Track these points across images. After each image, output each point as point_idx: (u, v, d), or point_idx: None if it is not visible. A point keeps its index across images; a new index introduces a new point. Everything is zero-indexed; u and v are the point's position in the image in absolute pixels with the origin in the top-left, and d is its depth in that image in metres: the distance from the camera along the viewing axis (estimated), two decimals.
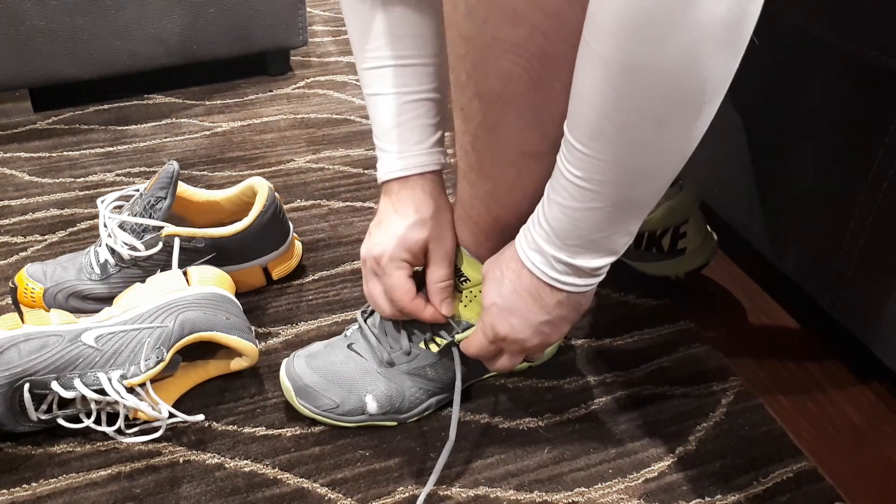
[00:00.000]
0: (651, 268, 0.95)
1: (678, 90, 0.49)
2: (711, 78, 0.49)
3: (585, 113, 0.52)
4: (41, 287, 0.83)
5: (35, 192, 1.11)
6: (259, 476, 0.72)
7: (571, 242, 0.59)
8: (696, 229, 0.91)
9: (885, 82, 0.70)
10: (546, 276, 0.61)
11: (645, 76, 0.48)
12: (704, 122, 0.52)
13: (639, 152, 0.53)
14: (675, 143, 0.53)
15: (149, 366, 0.72)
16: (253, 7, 1.33)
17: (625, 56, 0.47)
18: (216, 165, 1.18)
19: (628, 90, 0.49)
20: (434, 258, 0.71)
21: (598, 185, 0.54)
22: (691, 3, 0.44)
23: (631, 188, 0.55)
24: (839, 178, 0.77)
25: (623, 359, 0.85)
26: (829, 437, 0.78)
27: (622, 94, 0.49)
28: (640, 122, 0.50)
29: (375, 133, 0.73)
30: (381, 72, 0.71)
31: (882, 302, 0.75)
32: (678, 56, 0.46)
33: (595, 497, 0.71)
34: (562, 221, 0.58)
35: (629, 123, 0.50)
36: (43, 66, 1.24)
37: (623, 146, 0.52)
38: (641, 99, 0.49)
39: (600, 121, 0.51)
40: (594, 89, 0.50)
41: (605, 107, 0.50)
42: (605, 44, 0.47)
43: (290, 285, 0.95)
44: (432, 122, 0.72)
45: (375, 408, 0.75)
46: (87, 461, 0.73)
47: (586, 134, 0.52)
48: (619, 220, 0.57)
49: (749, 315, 0.93)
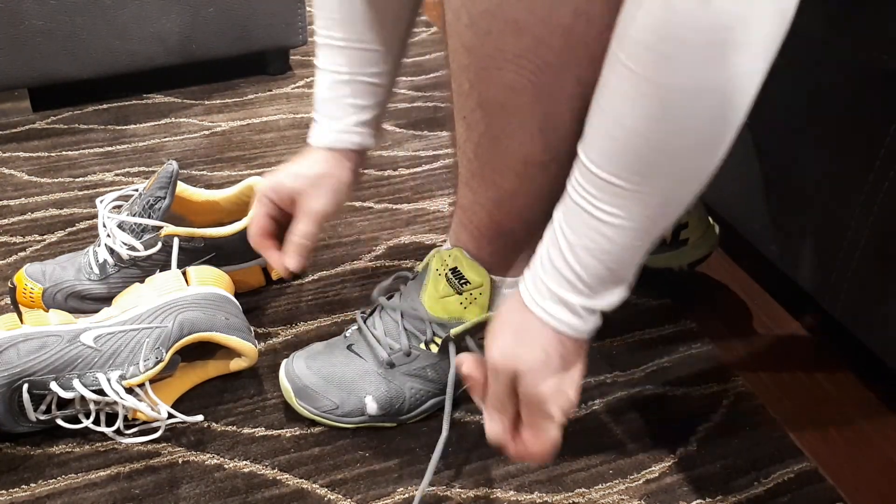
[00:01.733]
0: (653, 260, 0.94)
1: (732, 110, 0.46)
2: (754, 91, 0.46)
3: (626, 142, 0.47)
4: (40, 287, 0.83)
5: (34, 192, 1.11)
6: (258, 477, 0.72)
7: (599, 284, 0.53)
8: (698, 219, 0.91)
9: (885, 82, 0.70)
10: (539, 309, 0.55)
11: (701, 97, 0.44)
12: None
13: (687, 182, 0.49)
14: (716, 163, 0.49)
15: (148, 366, 0.72)
16: (252, 6, 1.33)
17: (674, 77, 0.44)
18: (215, 165, 1.18)
19: (681, 113, 0.45)
20: (299, 212, 0.76)
21: (638, 221, 0.50)
22: (743, 21, 0.42)
23: (668, 218, 0.51)
24: (839, 178, 0.77)
25: (623, 359, 0.85)
26: (829, 438, 0.78)
27: (674, 118, 0.45)
28: (692, 148, 0.47)
29: (314, 101, 0.78)
30: (326, 49, 0.74)
31: (882, 302, 0.75)
32: (733, 75, 0.44)
33: (595, 498, 0.71)
34: (592, 266, 0.52)
35: (680, 150, 0.47)
36: (42, 66, 1.23)
37: (672, 177, 0.48)
38: (695, 121, 0.45)
39: (648, 150, 0.47)
40: (638, 115, 0.46)
41: (653, 134, 0.46)
42: (646, 64, 0.44)
43: (289, 285, 0.95)
44: (361, 103, 0.75)
45: (375, 409, 0.75)
46: (87, 462, 0.73)
47: (627, 165, 0.48)
48: (646, 248, 0.53)
49: (749, 315, 0.93)
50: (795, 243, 0.86)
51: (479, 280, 0.73)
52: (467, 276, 0.73)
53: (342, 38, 0.73)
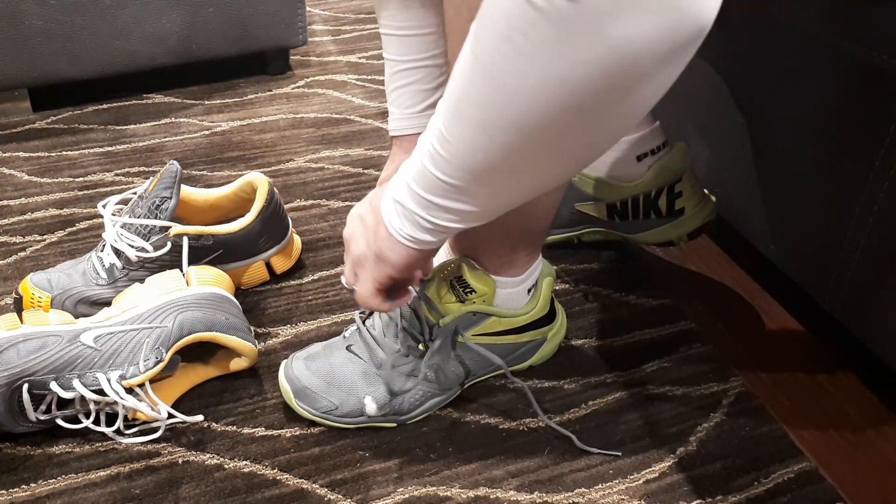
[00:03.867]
0: (652, 235, 0.94)
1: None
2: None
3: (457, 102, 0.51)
4: (48, 295, 0.83)
5: (34, 192, 1.11)
6: (258, 477, 0.72)
7: (419, 193, 0.58)
8: (691, 187, 0.90)
9: (885, 82, 0.70)
10: (392, 184, 0.60)
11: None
12: None
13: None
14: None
15: (148, 366, 0.72)
16: (252, 6, 1.33)
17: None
18: (215, 165, 1.18)
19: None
20: None
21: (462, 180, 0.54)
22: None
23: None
24: (839, 178, 0.77)
25: (623, 359, 0.85)
26: (829, 438, 0.78)
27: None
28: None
29: (386, 92, 0.81)
30: (386, 39, 0.77)
31: (882, 302, 0.75)
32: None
33: (595, 498, 0.71)
34: (422, 180, 0.57)
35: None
36: (42, 66, 1.23)
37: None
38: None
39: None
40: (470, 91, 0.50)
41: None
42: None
43: (289, 285, 0.95)
44: (427, 87, 0.77)
45: (374, 409, 0.75)
46: (87, 462, 0.73)
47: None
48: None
49: (749, 315, 0.93)
50: (795, 243, 0.86)
51: (484, 289, 0.74)
52: (473, 285, 0.73)
53: (400, 28, 0.75)
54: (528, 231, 0.72)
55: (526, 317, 0.78)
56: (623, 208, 0.93)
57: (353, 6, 1.78)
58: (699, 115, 0.97)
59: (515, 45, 0.44)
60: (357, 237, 0.66)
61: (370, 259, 0.64)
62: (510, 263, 0.74)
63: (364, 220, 0.65)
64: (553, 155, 0.51)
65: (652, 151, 0.89)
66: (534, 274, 0.77)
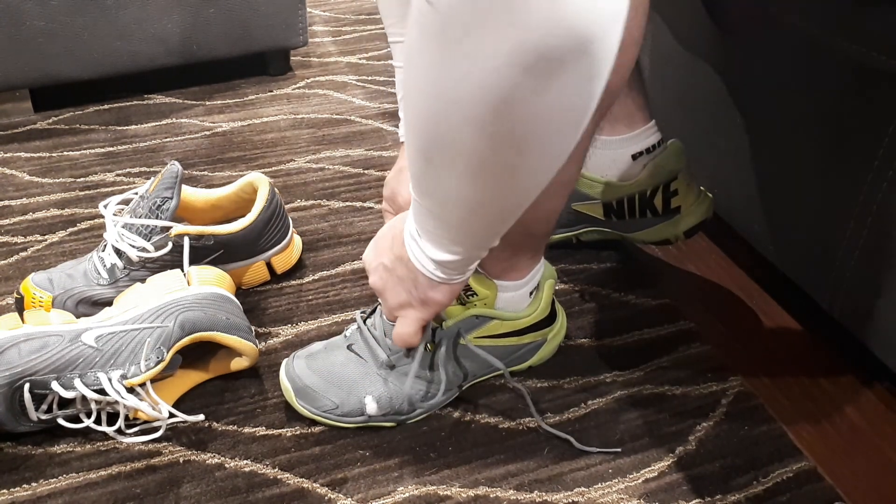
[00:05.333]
0: (649, 234, 0.94)
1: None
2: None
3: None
4: (49, 295, 0.83)
5: (35, 192, 1.11)
6: (259, 476, 0.72)
7: (420, 224, 0.62)
8: (687, 185, 0.90)
9: (885, 82, 0.70)
10: (405, 231, 0.64)
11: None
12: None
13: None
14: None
15: (149, 366, 0.72)
16: (253, 7, 1.33)
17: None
18: (216, 165, 1.18)
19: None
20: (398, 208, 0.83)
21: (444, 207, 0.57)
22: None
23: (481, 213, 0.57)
24: (839, 178, 0.77)
25: (623, 359, 0.85)
26: (828, 437, 0.78)
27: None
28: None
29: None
30: (394, 46, 0.78)
31: (882, 302, 0.75)
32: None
33: (595, 497, 0.71)
34: (414, 206, 0.61)
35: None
36: (43, 66, 1.24)
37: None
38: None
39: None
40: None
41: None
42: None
43: (289, 285, 0.95)
44: None
45: (375, 409, 0.75)
46: (88, 461, 0.73)
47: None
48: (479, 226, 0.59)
49: (749, 315, 0.93)
50: (794, 243, 0.86)
51: (486, 292, 0.74)
52: (475, 288, 0.73)
53: (404, 34, 0.76)
54: (531, 236, 0.73)
55: (527, 319, 0.78)
56: (619, 207, 0.93)
57: (353, 7, 1.78)
58: (699, 115, 0.97)
59: (414, 64, 0.46)
60: (390, 287, 0.68)
61: (415, 305, 0.67)
62: (512, 267, 0.74)
63: (393, 271, 0.67)
64: (485, 178, 0.51)
65: (647, 150, 0.89)
66: (536, 277, 0.77)
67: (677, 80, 0.99)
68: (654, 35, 1.01)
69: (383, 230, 0.70)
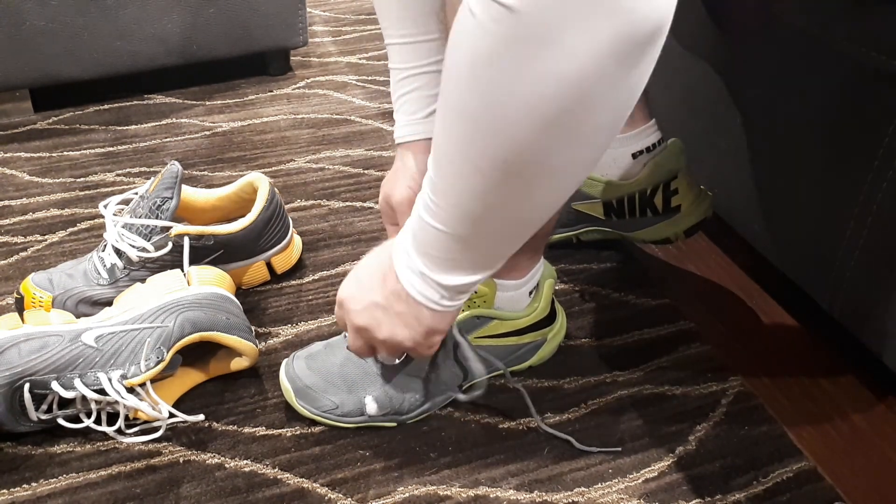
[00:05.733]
0: (649, 233, 0.94)
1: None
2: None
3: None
4: (49, 295, 0.83)
5: (35, 192, 1.11)
6: (259, 476, 0.72)
7: (425, 254, 0.58)
8: (687, 184, 0.90)
9: (885, 82, 0.70)
10: (396, 263, 0.61)
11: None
12: None
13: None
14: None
15: (149, 366, 0.72)
16: (253, 7, 1.33)
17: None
18: (216, 165, 1.18)
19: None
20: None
21: (450, 226, 0.55)
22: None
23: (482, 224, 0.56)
24: (839, 178, 0.77)
25: (623, 359, 0.85)
26: (828, 437, 0.78)
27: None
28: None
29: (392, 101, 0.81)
30: (391, 49, 0.78)
31: (882, 302, 0.75)
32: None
33: (595, 497, 0.71)
34: (421, 234, 0.58)
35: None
36: (43, 66, 1.24)
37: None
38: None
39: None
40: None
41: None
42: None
43: (289, 285, 0.95)
44: (431, 92, 0.76)
45: (375, 409, 0.75)
46: (88, 461, 0.73)
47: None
48: (478, 250, 0.58)
49: (749, 315, 0.93)
50: (794, 243, 0.86)
51: (485, 290, 0.74)
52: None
53: (402, 35, 0.75)
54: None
55: (527, 319, 0.78)
56: (619, 206, 0.93)
57: (353, 7, 1.78)
58: (699, 115, 0.97)
59: (476, 73, 0.45)
60: (388, 324, 0.64)
61: (419, 339, 0.64)
62: (512, 267, 0.74)
63: (388, 309, 0.63)
64: (542, 182, 0.50)
65: (647, 149, 0.89)
66: (535, 276, 0.77)
67: (677, 80, 0.99)
68: None
69: (363, 265, 0.66)
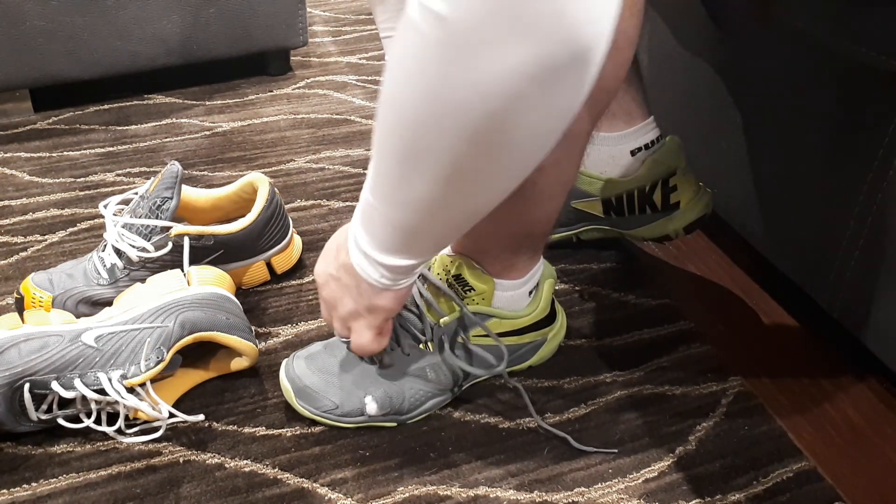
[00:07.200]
0: (649, 231, 0.94)
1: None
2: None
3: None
4: (49, 295, 0.83)
5: (35, 192, 1.11)
6: (259, 476, 0.72)
7: (369, 232, 0.61)
8: (686, 181, 0.90)
9: (884, 82, 0.70)
10: (349, 238, 0.64)
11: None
12: None
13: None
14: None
15: (149, 366, 0.72)
16: (253, 7, 1.33)
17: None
18: (216, 165, 1.18)
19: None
20: None
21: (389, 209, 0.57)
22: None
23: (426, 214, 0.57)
24: (838, 178, 0.77)
25: (623, 359, 0.85)
26: (828, 437, 0.78)
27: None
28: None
29: None
30: (386, 42, 0.77)
31: (882, 302, 0.75)
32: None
33: (595, 497, 0.71)
34: (365, 212, 0.61)
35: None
36: (43, 66, 1.24)
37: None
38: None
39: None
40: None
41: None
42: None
43: (290, 285, 0.95)
44: None
45: (375, 409, 0.75)
46: (87, 461, 0.73)
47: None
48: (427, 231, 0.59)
49: (749, 315, 0.93)
50: (794, 243, 0.86)
51: (483, 287, 0.74)
52: (471, 283, 0.73)
53: (394, 29, 0.75)
54: (530, 236, 0.73)
55: (527, 318, 0.78)
56: (618, 204, 0.93)
57: (353, 7, 1.78)
58: (699, 115, 0.97)
59: (407, 70, 0.46)
60: (339, 297, 0.68)
61: (362, 313, 0.67)
62: (511, 267, 0.74)
63: (339, 280, 0.66)
64: (466, 187, 0.51)
65: (646, 146, 0.89)
66: (535, 276, 0.77)
67: (677, 80, 0.99)
68: (654, 35, 1.01)
69: (330, 240, 0.69)
